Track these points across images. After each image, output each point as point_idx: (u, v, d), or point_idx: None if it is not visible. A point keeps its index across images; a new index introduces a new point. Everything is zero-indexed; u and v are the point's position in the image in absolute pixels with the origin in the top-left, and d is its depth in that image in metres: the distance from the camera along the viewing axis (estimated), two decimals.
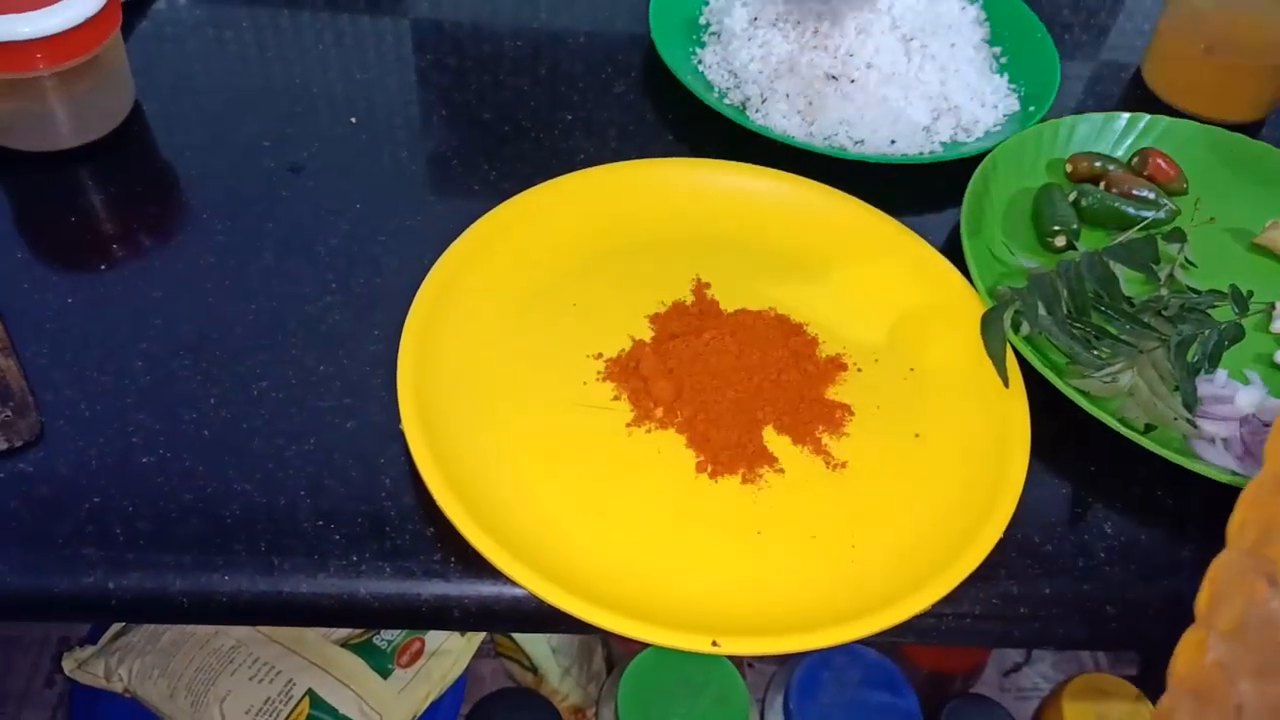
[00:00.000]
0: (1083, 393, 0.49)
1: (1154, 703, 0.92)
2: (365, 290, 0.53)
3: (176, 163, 0.60)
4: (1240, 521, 0.32)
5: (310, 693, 0.71)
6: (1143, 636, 0.46)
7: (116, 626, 0.76)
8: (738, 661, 0.81)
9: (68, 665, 0.74)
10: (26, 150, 0.58)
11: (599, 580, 0.42)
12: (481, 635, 0.79)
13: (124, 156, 0.59)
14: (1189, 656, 0.33)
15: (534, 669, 0.87)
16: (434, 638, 0.77)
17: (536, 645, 0.86)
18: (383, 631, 0.75)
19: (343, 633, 0.75)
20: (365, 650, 0.74)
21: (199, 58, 0.67)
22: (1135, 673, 0.99)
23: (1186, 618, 0.46)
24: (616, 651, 0.91)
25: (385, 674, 0.74)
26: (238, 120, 0.63)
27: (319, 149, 0.61)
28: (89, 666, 0.74)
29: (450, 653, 0.77)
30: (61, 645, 0.95)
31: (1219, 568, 0.33)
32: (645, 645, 0.79)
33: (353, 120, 0.63)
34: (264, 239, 0.56)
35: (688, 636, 0.40)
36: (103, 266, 0.54)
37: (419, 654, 0.76)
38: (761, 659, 0.97)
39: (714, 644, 0.40)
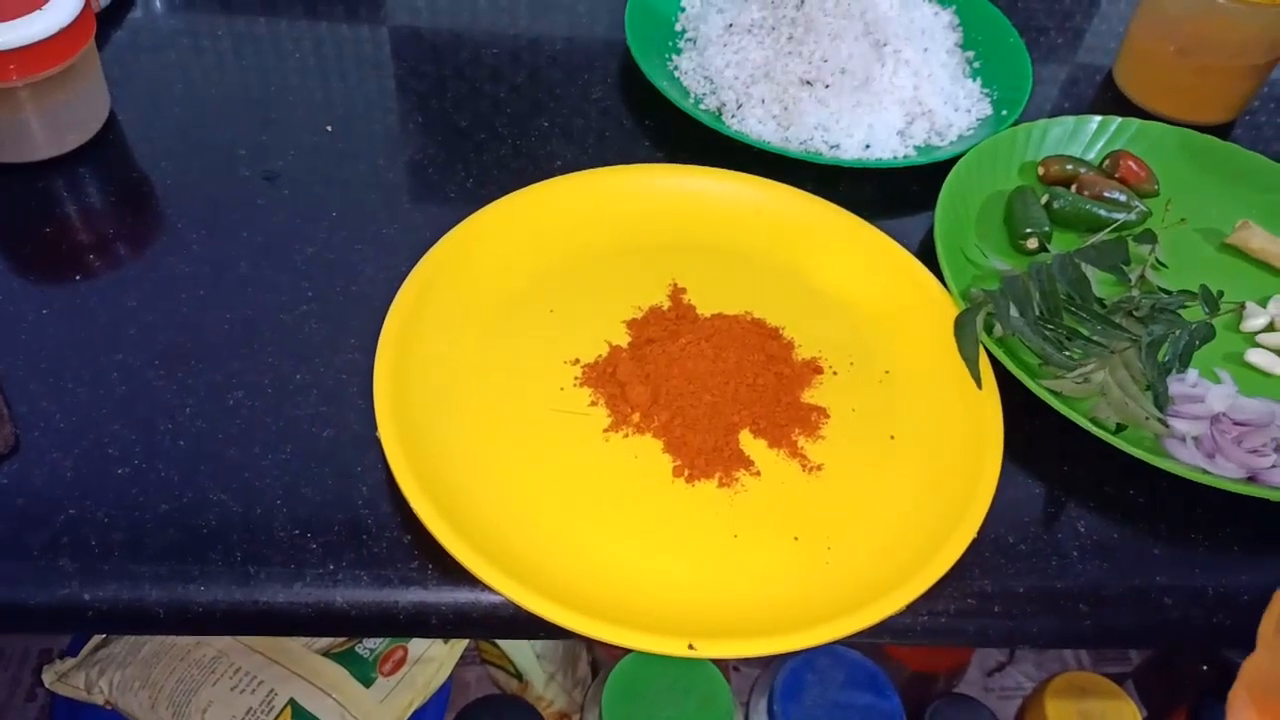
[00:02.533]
0: (1055, 393, 0.50)
1: (1145, 703, 0.93)
2: (342, 298, 0.53)
3: (152, 172, 0.60)
4: None
5: (292, 702, 0.71)
6: (1116, 633, 0.46)
7: (97, 638, 0.75)
8: (722, 665, 0.81)
9: (48, 678, 0.74)
10: (0, 161, 0.58)
11: (576, 585, 0.43)
12: (465, 642, 0.79)
13: (99, 166, 0.59)
14: (1252, 684, 0.33)
15: (519, 675, 0.87)
16: (417, 645, 0.77)
17: (521, 652, 0.86)
18: (365, 640, 0.75)
19: (325, 642, 0.75)
20: (347, 659, 0.74)
21: (174, 67, 0.67)
22: (1119, 671, 1.00)
23: (1159, 614, 0.46)
24: (601, 657, 0.91)
25: (368, 682, 0.73)
26: (213, 129, 0.63)
27: (295, 157, 0.61)
28: (70, 679, 0.73)
29: (434, 660, 0.77)
30: (42, 658, 0.95)
31: None
32: (629, 650, 0.79)
33: (328, 128, 0.63)
34: (240, 247, 0.55)
35: (664, 640, 0.40)
36: (78, 277, 0.53)
37: (402, 662, 0.75)
38: (745, 662, 0.97)
39: (690, 647, 0.40)
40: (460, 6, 0.75)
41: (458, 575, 0.43)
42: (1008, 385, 0.50)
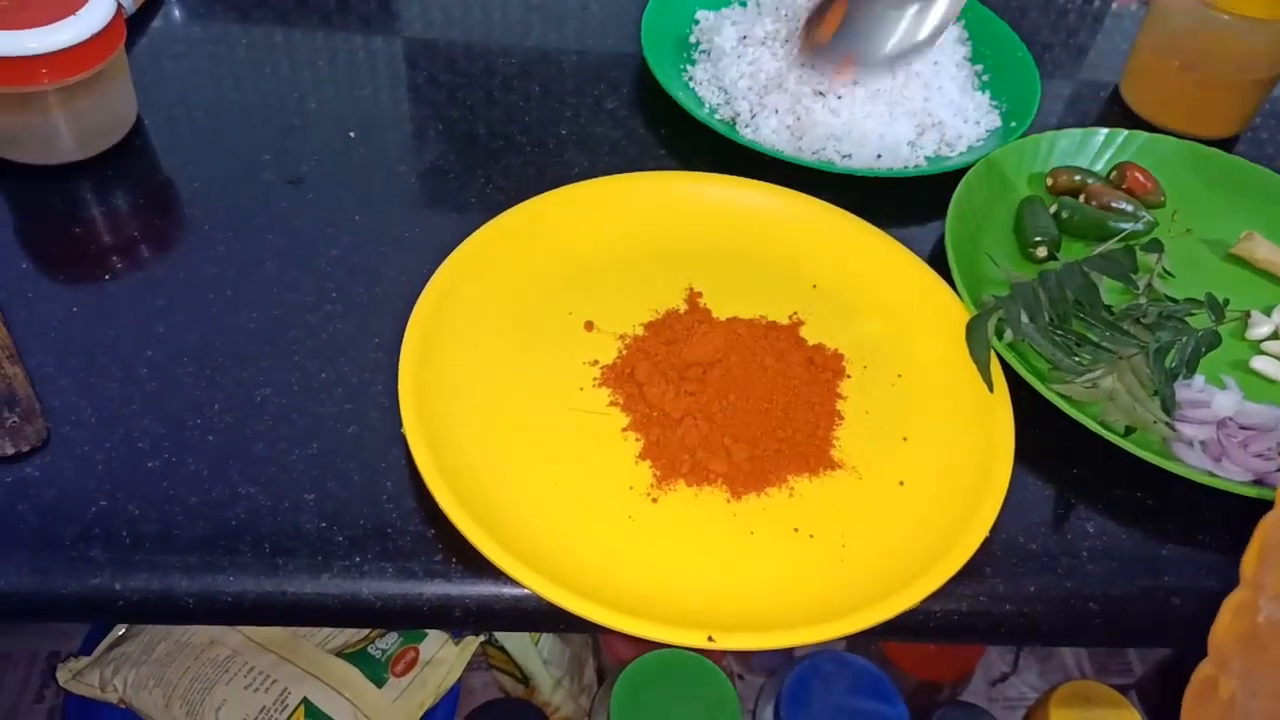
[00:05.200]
0: (1065, 397, 0.51)
1: (1148, 713, 0.94)
2: (365, 299, 0.55)
3: (178, 176, 0.61)
4: None
5: (305, 701, 0.72)
6: (1125, 632, 0.47)
7: (111, 637, 0.76)
8: (728, 671, 0.81)
9: (62, 676, 0.74)
10: (31, 163, 0.59)
11: (596, 578, 0.43)
12: (475, 645, 0.79)
13: (126, 170, 0.61)
14: (1232, 620, 0.33)
15: (526, 681, 0.88)
16: (428, 647, 0.78)
17: (529, 657, 0.86)
18: (377, 640, 0.76)
19: (337, 641, 0.75)
20: (360, 659, 0.74)
21: (198, 74, 0.68)
22: (1122, 682, 1.00)
23: (1167, 613, 0.47)
24: (607, 663, 0.91)
25: (380, 683, 0.74)
26: (237, 135, 0.64)
27: (318, 162, 0.62)
28: (84, 677, 0.74)
29: (444, 662, 0.78)
30: (51, 659, 0.95)
31: (1268, 529, 0.33)
32: (636, 656, 0.80)
33: (351, 134, 0.64)
34: (265, 249, 0.57)
35: (685, 633, 0.41)
36: (106, 276, 0.55)
37: (413, 663, 0.76)
38: (750, 669, 0.97)
39: (710, 639, 0.41)
40: (474, 19, 0.77)
41: (481, 568, 0.44)
42: (1018, 389, 0.51)
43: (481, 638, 0.83)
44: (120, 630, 0.77)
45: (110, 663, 0.74)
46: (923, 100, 0.67)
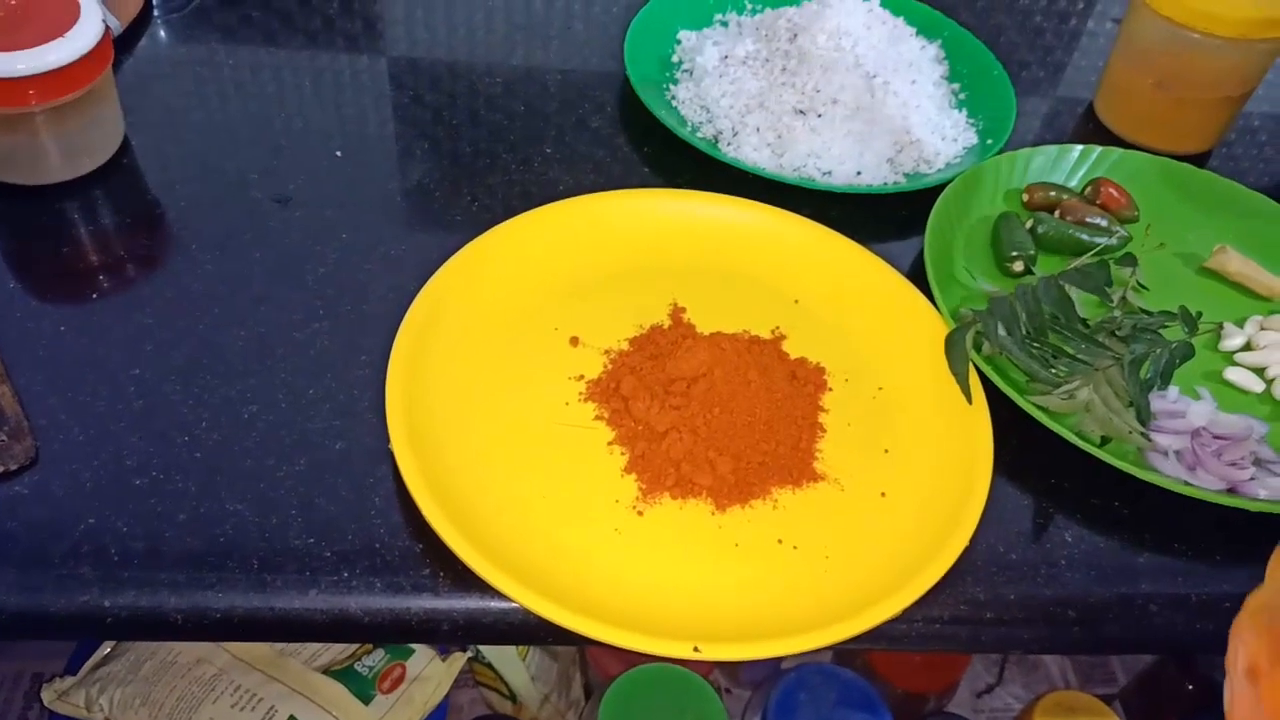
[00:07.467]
0: (1042, 409, 0.52)
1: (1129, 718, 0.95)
2: (352, 317, 0.55)
3: (165, 195, 0.61)
4: None
5: (292, 719, 0.72)
6: (1103, 640, 0.48)
7: (97, 656, 0.76)
8: (716, 686, 0.82)
9: (47, 697, 0.74)
10: (19, 183, 0.59)
11: (583, 592, 0.44)
12: (462, 661, 0.80)
13: (114, 189, 0.61)
14: None
15: (513, 697, 0.88)
16: (415, 664, 0.78)
17: (516, 673, 0.86)
18: (364, 657, 0.76)
19: (324, 659, 0.75)
20: (347, 676, 0.74)
21: (185, 94, 0.69)
22: (1106, 692, 1.01)
23: (1144, 620, 0.48)
24: (595, 678, 0.92)
25: (367, 700, 0.74)
26: (224, 154, 0.64)
27: (305, 181, 0.63)
28: (69, 697, 0.74)
29: (431, 679, 0.78)
30: (35, 681, 0.95)
31: None
32: (623, 671, 0.80)
33: (338, 154, 0.65)
34: (252, 268, 0.57)
35: (670, 644, 0.42)
36: (94, 295, 0.55)
37: (400, 680, 0.76)
38: (738, 684, 0.98)
39: (695, 649, 0.41)
40: (458, 38, 0.78)
41: (468, 582, 0.44)
42: (997, 401, 0.52)
43: (469, 654, 0.83)
44: (106, 649, 0.77)
45: (96, 682, 0.74)
46: (901, 118, 0.68)
